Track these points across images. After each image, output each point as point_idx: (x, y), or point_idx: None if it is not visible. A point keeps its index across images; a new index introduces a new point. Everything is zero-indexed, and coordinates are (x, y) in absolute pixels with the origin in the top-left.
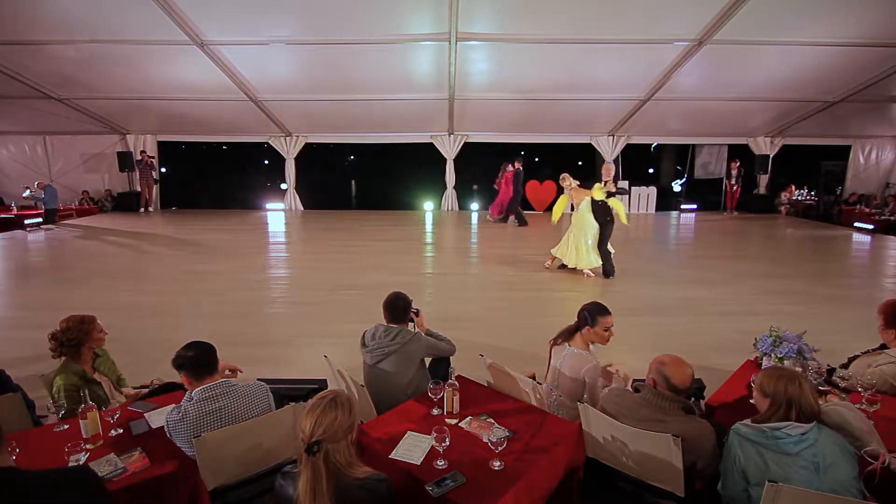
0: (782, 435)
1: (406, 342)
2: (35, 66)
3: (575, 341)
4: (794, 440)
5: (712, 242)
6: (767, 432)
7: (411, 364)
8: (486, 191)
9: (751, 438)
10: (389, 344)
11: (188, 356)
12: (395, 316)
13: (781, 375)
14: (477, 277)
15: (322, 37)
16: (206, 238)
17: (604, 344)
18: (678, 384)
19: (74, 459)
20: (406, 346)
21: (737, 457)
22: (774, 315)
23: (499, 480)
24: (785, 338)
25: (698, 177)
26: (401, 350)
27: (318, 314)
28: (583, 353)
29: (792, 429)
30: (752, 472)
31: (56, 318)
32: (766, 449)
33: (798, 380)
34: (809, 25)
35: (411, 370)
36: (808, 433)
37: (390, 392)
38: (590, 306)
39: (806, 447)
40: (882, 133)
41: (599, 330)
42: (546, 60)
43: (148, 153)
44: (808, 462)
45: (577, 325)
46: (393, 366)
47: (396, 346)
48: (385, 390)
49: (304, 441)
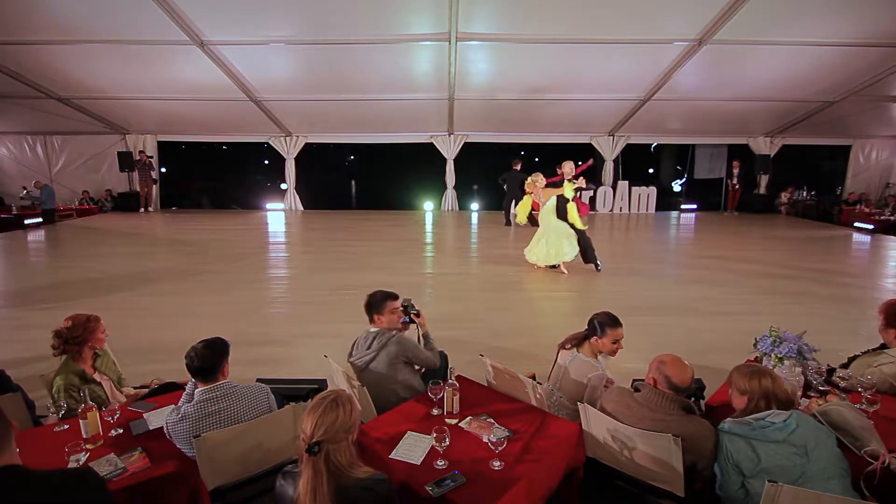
0: (767, 423)
1: (383, 345)
2: (35, 66)
3: (584, 349)
4: (778, 427)
5: (712, 242)
6: (753, 423)
7: (395, 365)
8: (486, 191)
9: (737, 433)
10: (366, 352)
11: (194, 365)
12: (370, 312)
13: (753, 372)
14: (477, 277)
15: (322, 37)
16: (206, 238)
17: (612, 356)
18: (679, 383)
19: (74, 459)
20: (384, 348)
21: (729, 454)
22: (774, 315)
23: (499, 480)
24: (785, 338)
25: (699, 176)
26: (379, 354)
27: (318, 314)
28: (591, 361)
29: (774, 416)
30: (745, 465)
31: (56, 318)
32: (755, 440)
33: (769, 373)
34: (809, 25)
35: (398, 372)
36: (789, 419)
37: (381, 394)
38: (601, 317)
39: (790, 433)
40: (882, 133)
41: (608, 342)
42: (546, 60)
43: (147, 153)
44: (797, 447)
45: (587, 334)
46: (381, 368)
47: (373, 353)
48: (377, 393)
49: (304, 441)
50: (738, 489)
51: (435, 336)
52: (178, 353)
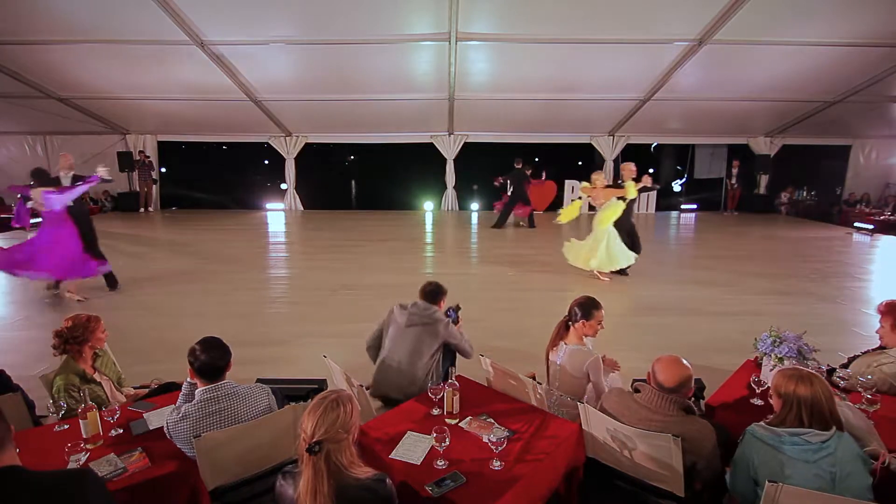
0: (801, 442)
1: (436, 320)
2: (35, 66)
3: (570, 338)
4: (814, 447)
5: (712, 242)
6: (785, 437)
7: (433, 342)
8: (485, 191)
9: (767, 441)
10: (423, 314)
11: (201, 359)
12: (427, 298)
13: (794, 375)
14: (477, 277)
15: (322, 37)
16: (206, 238)
17: (594, 337)
18: (662, 381)
19: (74, 459)
20: (435, 324)
21: (750, 459)
22: (774, 315)
23: (499, 480)
24: (785, 338)
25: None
26: (429, 325)
27: (318, 314)
28: (581, 349)
29: (812, 436)
30: (762, 474)
31: (56, 318)
32: (783, 454)
33: (810, 380)
34: (809, 25)
35: (432, 348)
36: (829, 441)
37: (409, 362)
38: (584, 300)
39: (824, 456)
40: (882, 133)
41: (595, 324)
42: (546, 60)
43: (146, 153)
44: (825, 471)
45: (568, 320)
46: (417, 336)
47: (427, 319)
48: (405, 359)
49: (305, 441)
50: (749, 491)
51: None
52: (178, 353)
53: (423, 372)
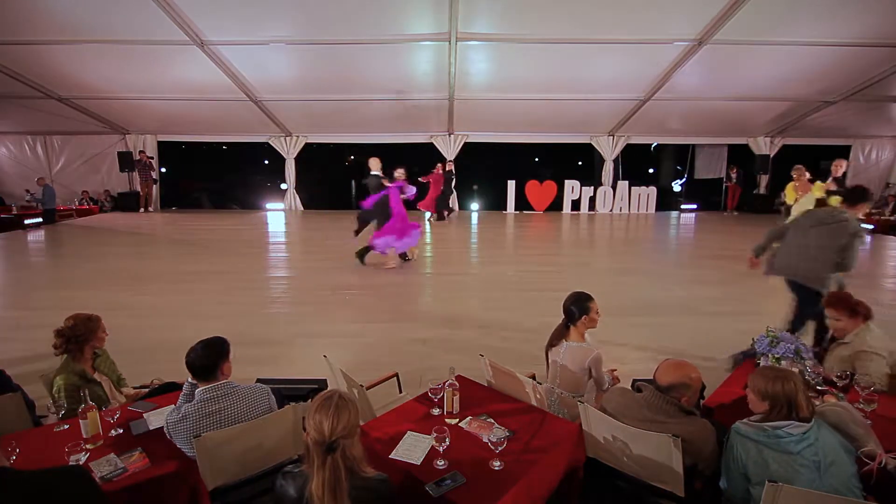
0: (784, 434)
1: (584, 356)
2: (35, 66)
3: (571, 336)
4: (795, 439)
5: (712, 242)
6: (769, 431)
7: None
8: (486, 191)
9: (752, 437)
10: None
11: (190, 357)
12: (569, 317)
13: (777, 376)
14: (477, 277)
15: (322, 37)
16: (206, 238)
17: (594, 327)
18: (656, 377)
19: (74, 459)
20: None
21: (738, 456)
22: (774, 315)
23: (499, 480)
24: (782, 338)
25: (699, 176)
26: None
27: (318, 314)
28: (583, 346)
29: (793, 428)
30: (752, 471)
31: (56, 318)
32: (768, 448)
33: (793, 378)
34: (810, 25)
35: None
36: (808, 432)
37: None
38: (575, 298)
39: (807, 446)
40: (882, 133)
41: (592, 315)
42: (546, 60)
43: (147, 153)
44: (809, 461)
45: (567, 321)
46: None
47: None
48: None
49: (320, 441)
50: (742, 491)
51: (435, 336)
52: (178, 353)
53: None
